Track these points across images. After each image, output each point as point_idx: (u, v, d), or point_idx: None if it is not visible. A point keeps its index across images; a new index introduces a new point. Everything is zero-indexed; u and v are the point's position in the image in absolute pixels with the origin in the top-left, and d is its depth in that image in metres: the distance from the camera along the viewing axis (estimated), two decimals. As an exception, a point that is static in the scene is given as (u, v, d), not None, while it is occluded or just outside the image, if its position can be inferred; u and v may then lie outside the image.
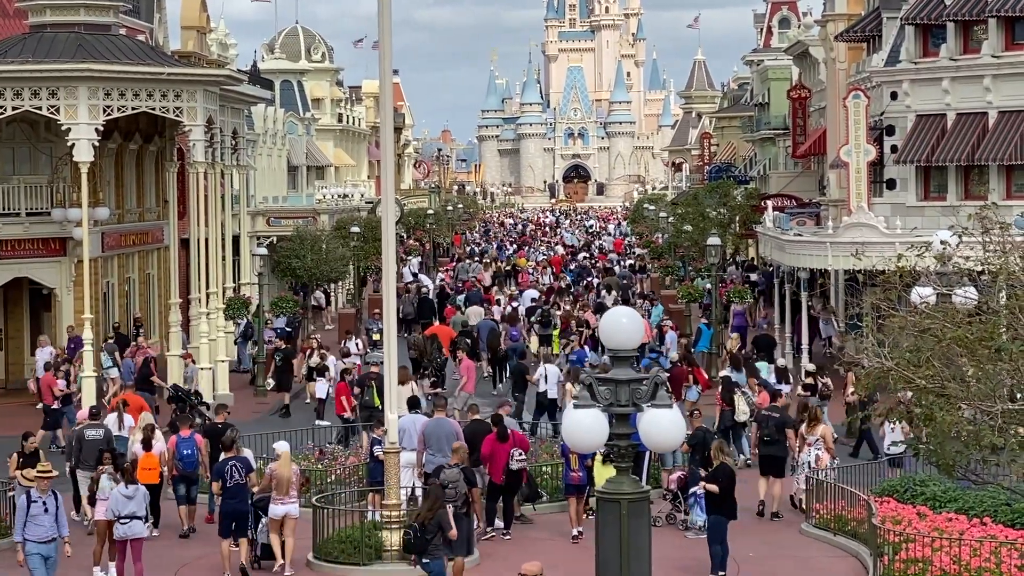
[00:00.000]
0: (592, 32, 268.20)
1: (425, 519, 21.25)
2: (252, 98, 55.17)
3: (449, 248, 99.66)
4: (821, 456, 27.64)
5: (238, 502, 23.78)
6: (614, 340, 13.80)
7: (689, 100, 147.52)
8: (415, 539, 21.23)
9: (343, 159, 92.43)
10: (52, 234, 42.43)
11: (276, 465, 23.94)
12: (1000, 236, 19.77)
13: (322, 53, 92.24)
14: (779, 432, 28.24)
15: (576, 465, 26.03)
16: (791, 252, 45.87)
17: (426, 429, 26.40)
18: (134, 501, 22.77)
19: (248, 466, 24.23)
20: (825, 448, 27.76)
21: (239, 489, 23.83)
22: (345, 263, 59.32)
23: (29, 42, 40.47)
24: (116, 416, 29.52)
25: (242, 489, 23.85)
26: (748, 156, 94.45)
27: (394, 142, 27.62)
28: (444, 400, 28.18)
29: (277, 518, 23.68)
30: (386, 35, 23.80)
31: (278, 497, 23.70)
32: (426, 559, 21.20)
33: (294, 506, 23.79)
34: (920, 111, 46.02)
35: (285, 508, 23.65)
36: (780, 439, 28.18)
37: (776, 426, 28.35)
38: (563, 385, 35.76)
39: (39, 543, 21.08)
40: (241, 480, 23.84)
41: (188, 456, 26.52)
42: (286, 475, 23.66)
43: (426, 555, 21.16)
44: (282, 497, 23.67)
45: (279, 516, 23.64)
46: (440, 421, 26.58)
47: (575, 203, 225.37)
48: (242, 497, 23.84)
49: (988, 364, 17.64)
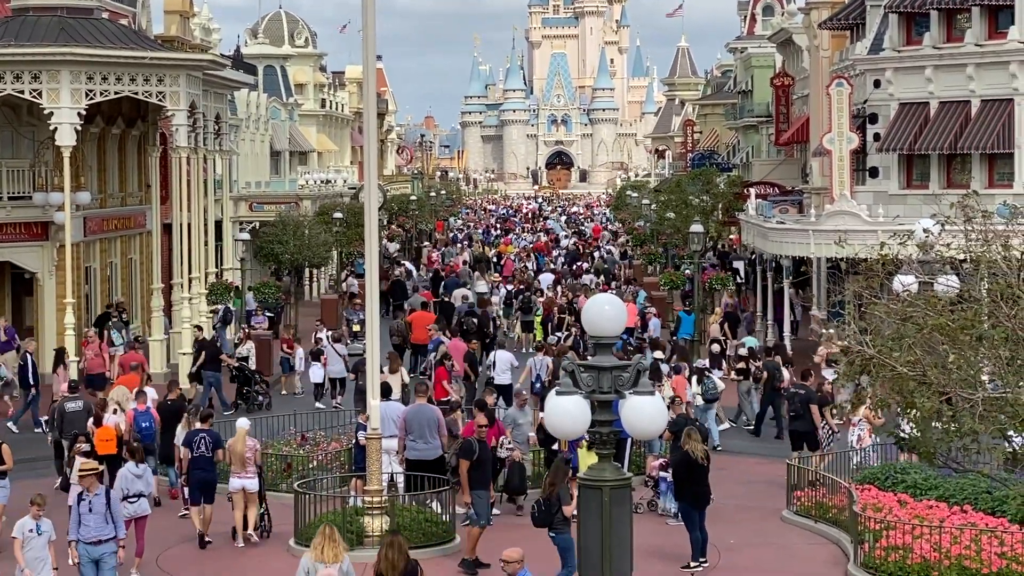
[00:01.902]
0: (576, 19, 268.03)
1: (549, 493, 21.46)
2: (235, 83, 55.08)
3: (432, 234, 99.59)
4: (863, 436, 28.71)
5: (204, 472, 24.91)
6: (597, 327, 13.81)
7: (672, 87, 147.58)
8: (540, 513, 21.42)
9: (326, 144, 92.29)
10: (34, 218, 42.30)
11: (232, 440, 24.91)
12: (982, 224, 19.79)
13: (305, 38, 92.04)
14: (804, 407, 29.77)
15: (566, 447, 25.99)
16: (774, 240, 45.94)
17: (408, 415, 26.30)
18: (142, 480, 23.16)
19: (217, 440, 25.18)
20: (868, 430, 28.64)
21: (205, 460, 24.94)
22: (328, 249, 59.24)
23: (11, 25, 40.33)
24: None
25: (208, 461, 24.97)
26: (731, 143, 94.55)
27: (377, 128, 27.60)
28: (425, 386, 28.07)
29: (235, 491, 24.57)
30: (370, 21, 23.77)
31: (235, 471, 24.63)
32: (552, 532, 21.47)
33: (252, 480, 24.62)
34: (903, 99, 46.09)
35: (241, 482, 24.57)
36: (806, 414, 29.75)
37: (801, 402, 29.95)
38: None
39: (86, 544, 20.47)
40: (208, 452, 24.93)
41: (146, 428, 27.78)
42: (239, 450, 24.51)
43: (552, 528, 21.41)
44: (239, 471, 24.54)
45: (236, 489, 24.57)
46: (421, 407, 26.44)
47: (558, 190, 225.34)
48: (209, 468, 24.96)
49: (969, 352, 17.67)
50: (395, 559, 17.43)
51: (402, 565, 17.44)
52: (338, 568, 17.81)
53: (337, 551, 17.97)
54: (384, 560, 17.47)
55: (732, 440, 34.62)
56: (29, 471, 29.26)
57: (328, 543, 18.01)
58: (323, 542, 18.03)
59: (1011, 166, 43.96)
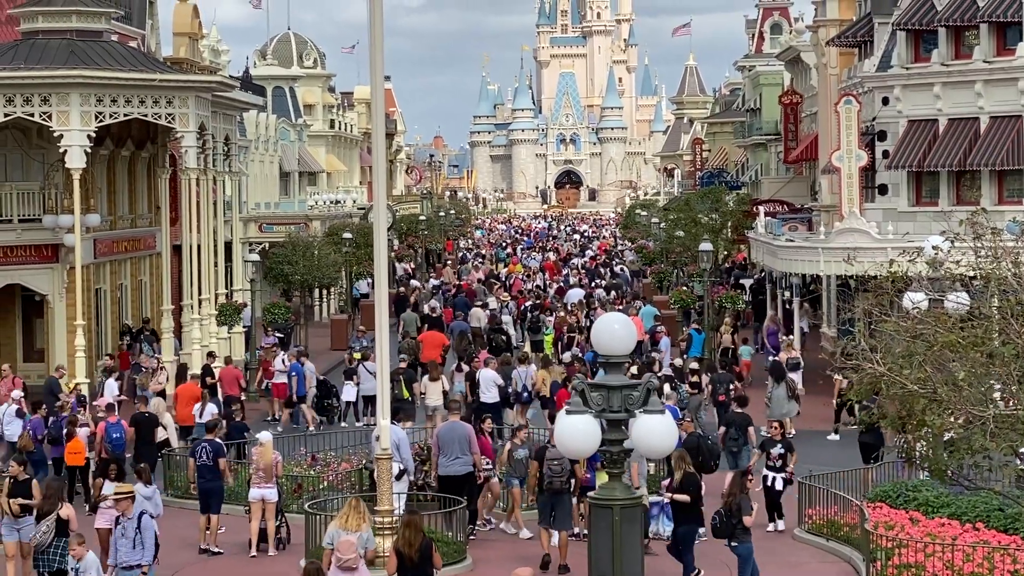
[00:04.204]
0: (584, 38, 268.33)
1: (730, 504, 21.92)
2: (244, 104, 55.17)
3: (441, 254, 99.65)
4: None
5: (205, 481, 25.74)
6: (607, 346, 13.82)
7: (681, 106, 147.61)
8: (722, 524, 21.87)
9: (335, 165, 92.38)
10: (44, 240, 42.33)
11: (259, 453, 25.31)
12: (992, 241, 19.78)
13: (314, 59, 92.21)
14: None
15: (584, 467, 25.96)
16: (783, 258, 45.92)
17: (441, 433, 26.39)
18: (151, 502, 23.28)
19: (218, 450, 25.92)
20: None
21: (206, 469, 25.74)
22: (337, 269, 59.28)
23: (21, 48, 40.45)
24: (200, 405, 32.66)
25: (211, 470, 25.71)
26: (740, 161, 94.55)
27: (386, 148, 27.64)
28: (458, 404, 28.36)
29: (255, 501, 25.07)
30: (377, 41, 23.78)
31: (256, 482, 25.12)
32: (733, 542, 21.94)
33: (271, 491, 25.09)
34: (912, 116, 46.07)
35: (261, 492, 25.11)
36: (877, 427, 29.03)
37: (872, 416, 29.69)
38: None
39: (121, 569, 20.32)
40: (208, 461, 25.69)
41: (117, 439, 28.81)
42: (267, 461, 25.11)
43: (733, 538, 21.90)
44: (260, 482, 25.08)
45: (255, 499, 25.08)
46: (454, 425, 26.56)
47: (567, 209, 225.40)
48: (210, 477, 25.73)
49: (980, 369, 17.65)
50: (412, 537, 19.19)
51: (418, 543, 19.18)
52: (358, 536, 19.45)
53: (360, 521, 19.70)
54: (402, 538, 19.30)
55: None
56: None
57: (353, 513, 19.84)
58: (348, 511, 19.87)
59: (1020, 183, 43.92)
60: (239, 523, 26.41)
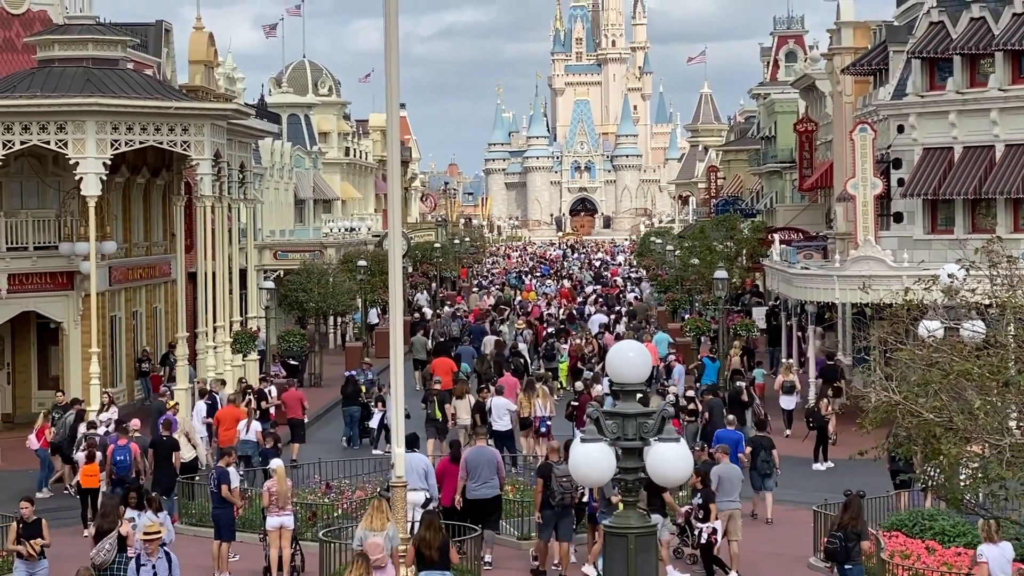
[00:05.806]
0: (598, 65, 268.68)
1: (847, 526, 22.25)
2: (259, 132, 55.28)
3: (456, 281, 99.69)
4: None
5: (214, 507, 26.09)
6: (621, 374, 13.79)
7: (696, 133, 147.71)
8: (839, 547, 22.17)
9: (350, 192, 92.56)
10: (60, 268, 42.43)
11: (272, 482, 25.40)
12: (1007, 269, 19.75)
13: (329, 87, 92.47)
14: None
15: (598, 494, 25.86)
16: (798, 285, 45.85)
17: (469, 457, 26.37)
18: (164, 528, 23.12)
19: (221, 476, 26.05)
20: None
21: (214, 496, 26.16)
22: (352, 296, 59.32)
23: (37, 76, 40.59)
24: (244, 423, 33.26)
25: (216, 497, 26.04)
26: (755, 189, 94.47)
27: (401, 176, 27.70)
28: (485, 429, 28.63)
29: (274, 529, 25.08)
30: (393, 68, 23.79)
31: (273, 510, 25.15)
32: (848, 565, 22.21)
33: (289, 518, 25.26)
34: (927, 144, 46.05)
35: (280, 520, 25.12)
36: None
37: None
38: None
39: None
40: (215, 489, 26.02)
41: (121, 461, 29.18)
42: (283, 489, 25.24)
43: (849, 560, 22.17)
44: (277, 510, 25.14)
45: (274, 527, 25.09)
46: (482, 449, 26.66)
47: (582, 236, 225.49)
48: (218, 504, 25.97)
49: (996, 398, 17.59)
50: (431, 538, 20.60)
51: (437, 542, 20.59)
52: (384, 535, 20.28)
53: (384, 520, 20.49)
54: (422, 540, 20.63)
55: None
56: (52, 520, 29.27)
57: (376, 513, 20.69)
58: (372, 512, 20.76)
59: (1036, 211, 43.89)
60: (253, 551, 26.37)
